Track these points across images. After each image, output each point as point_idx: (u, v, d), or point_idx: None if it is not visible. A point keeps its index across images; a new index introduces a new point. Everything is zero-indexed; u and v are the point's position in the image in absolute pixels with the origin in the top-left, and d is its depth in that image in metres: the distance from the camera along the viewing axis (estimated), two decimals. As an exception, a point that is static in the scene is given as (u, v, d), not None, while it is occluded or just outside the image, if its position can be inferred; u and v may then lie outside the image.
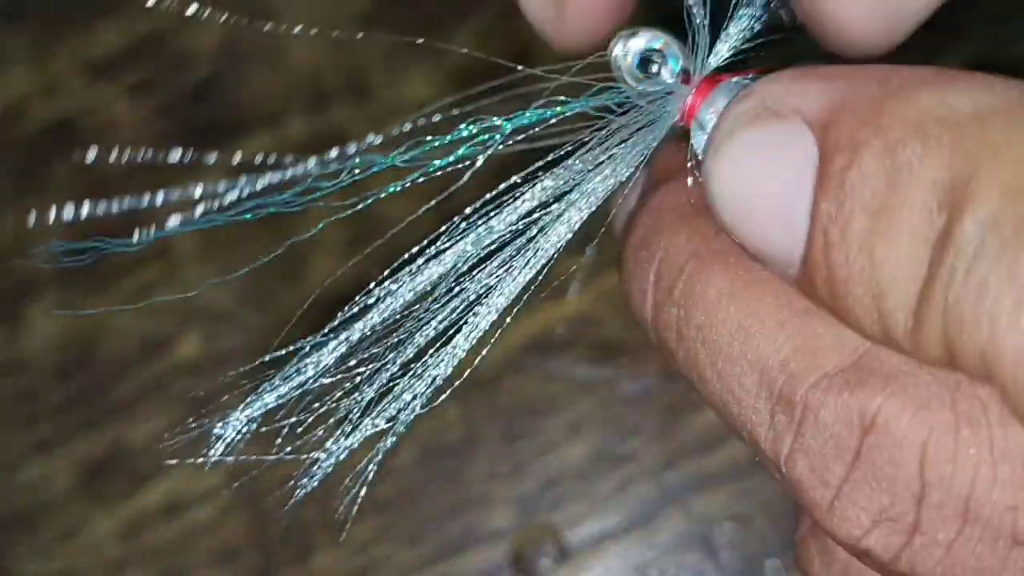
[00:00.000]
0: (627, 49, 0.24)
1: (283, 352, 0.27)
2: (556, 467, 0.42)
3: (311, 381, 0.26)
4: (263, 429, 0.29)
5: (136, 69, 0.48)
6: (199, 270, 0.45)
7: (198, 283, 0.45)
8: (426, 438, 0.43)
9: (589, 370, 0.43)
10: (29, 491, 0.44)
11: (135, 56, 0.48)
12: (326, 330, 0.27)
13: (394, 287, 0.25)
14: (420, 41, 0.42)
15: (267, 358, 0.26)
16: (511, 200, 0.25)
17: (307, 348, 0.26)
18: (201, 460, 0.27)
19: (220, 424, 0.27)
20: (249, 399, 0.27)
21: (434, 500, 0.42)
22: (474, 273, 0.26)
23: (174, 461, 0.44)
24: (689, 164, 0.24)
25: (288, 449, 0.28)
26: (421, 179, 0.25)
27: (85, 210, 0.25)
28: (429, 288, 0.26)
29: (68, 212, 0.26)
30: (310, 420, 0.28)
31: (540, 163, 0.24)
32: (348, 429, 0.27)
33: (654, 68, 0.24)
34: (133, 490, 0.44)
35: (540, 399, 0.42)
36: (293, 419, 0.28)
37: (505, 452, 0.42)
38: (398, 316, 0.26)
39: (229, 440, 0.27)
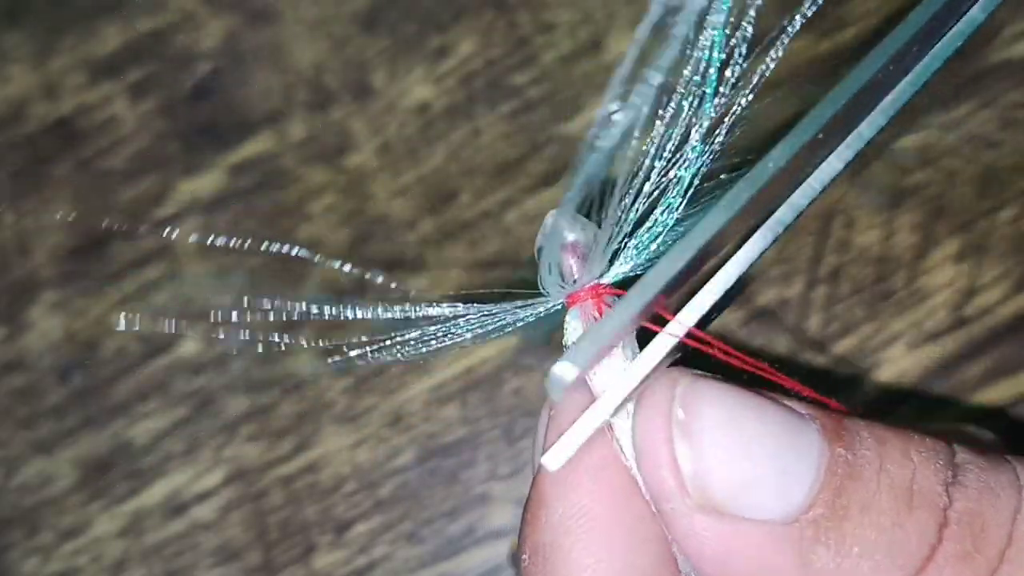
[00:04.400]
0: (537, 244, 0.26)
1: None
2: (556, 467, 0.42)
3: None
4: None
5: (136, 68, 0.48)
6: (199, 270, 0.45)
7: (199, 283, 0.45)
8: (426, 438, 0.43)
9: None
10: (29, 491, 0.44)
11: (135, 55, 0.48)
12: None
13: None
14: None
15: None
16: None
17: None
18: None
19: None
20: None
21: (434, 500, 0.42)
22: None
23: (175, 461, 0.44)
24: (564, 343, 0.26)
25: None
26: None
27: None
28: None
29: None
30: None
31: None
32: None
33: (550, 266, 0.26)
34: (133, 490, 0.44)
35: (540, 399, 0.43)
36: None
37: (505, 452, 0.42)
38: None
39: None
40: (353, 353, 0.28)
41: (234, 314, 0.31)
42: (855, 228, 0.42)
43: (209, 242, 0.45)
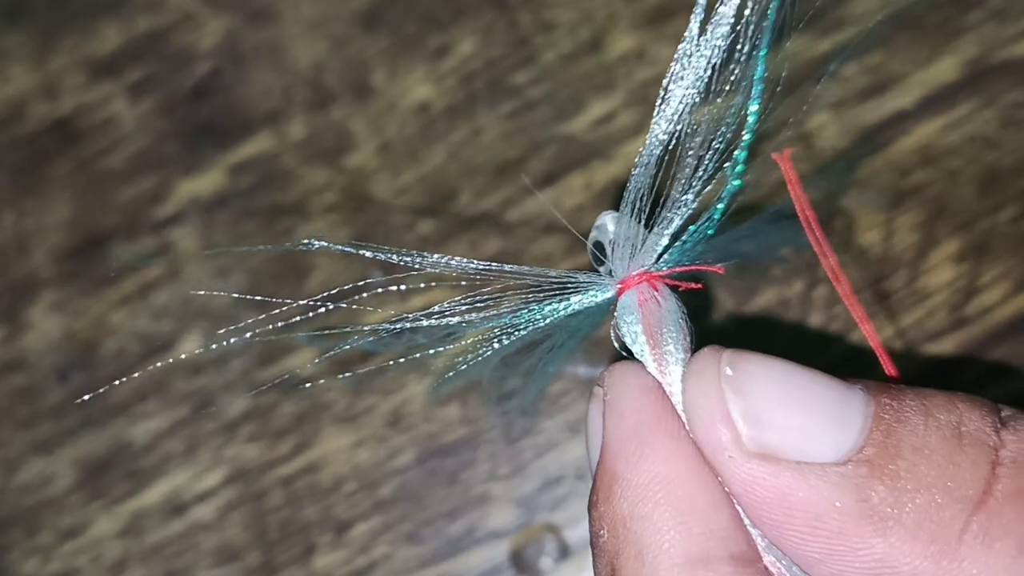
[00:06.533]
0: (590, 237, 0.29)
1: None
2: (556, 467, 0.42)
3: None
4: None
5: (136, 68, 0.48)
6: (199, 270, 0.45)
7: (199, 283, 0.45)
8: (426, 438, 0.43)
9: (589, 370, 0.42)
10: (29, 491, 0.44)
11: (135, 55, 0.48)
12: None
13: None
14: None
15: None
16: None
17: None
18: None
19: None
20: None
21: (434, 500, 0.42)
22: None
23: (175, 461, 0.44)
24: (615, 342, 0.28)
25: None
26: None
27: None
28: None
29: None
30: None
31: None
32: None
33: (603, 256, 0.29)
34: (134, 490, 0.44)
35: (540, 399, 0.43)
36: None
37: (505, 452, 0.42)
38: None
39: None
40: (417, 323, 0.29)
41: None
42: (855, 228, 0.42)
43: (209, 242, 0.45)
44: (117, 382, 0.44)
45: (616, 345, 0.28)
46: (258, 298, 0.43)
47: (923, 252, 0.42)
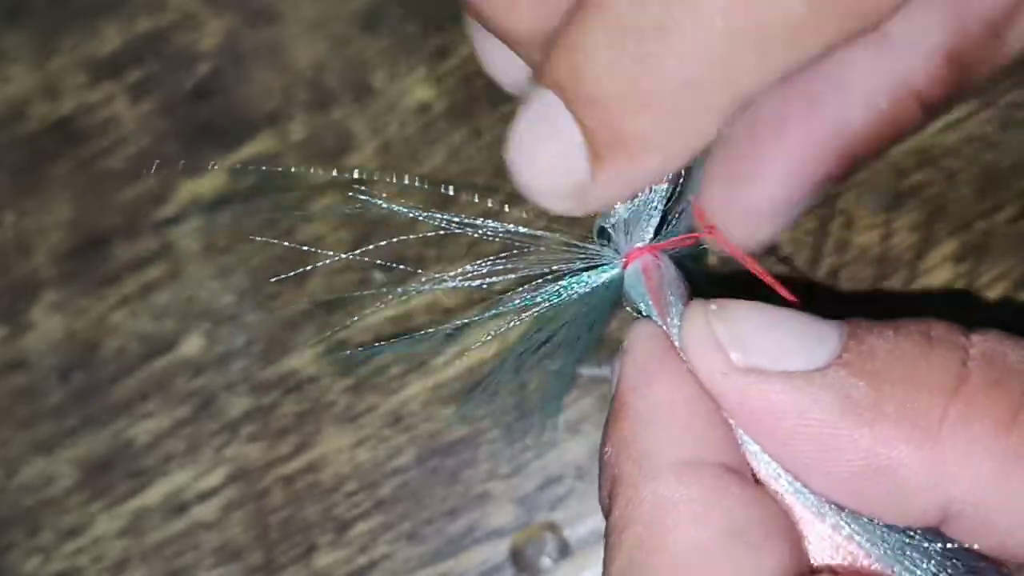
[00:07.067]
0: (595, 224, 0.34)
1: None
2: (556, 466, 0.43)
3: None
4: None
5: (137, 68, 0.48)
6: (201, 270, 0.46)
7: (200, 283, 0.45)
8: (426, 438, 0.43)
9: (589, 370, 0.43)
10: (30, 491, 0.44)
11: (136, 55, 0.48)
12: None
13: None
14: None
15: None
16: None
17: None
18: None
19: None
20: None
21: (434, 500, 0.42)
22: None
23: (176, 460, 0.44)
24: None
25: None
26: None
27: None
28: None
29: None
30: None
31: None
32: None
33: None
34: (134, 489, 0.44)
35: (540, 399, 0.43)
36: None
37: (505, 452, 0.43)
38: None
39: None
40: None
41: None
42: (854, 228, 0.42)
43: (210, 243, 0.45)
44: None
45: (629, 310, 0.32)
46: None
47: (923, 252, 0.42)
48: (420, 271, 0.44)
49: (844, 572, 0.27)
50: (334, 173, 0.42)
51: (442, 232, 0.32)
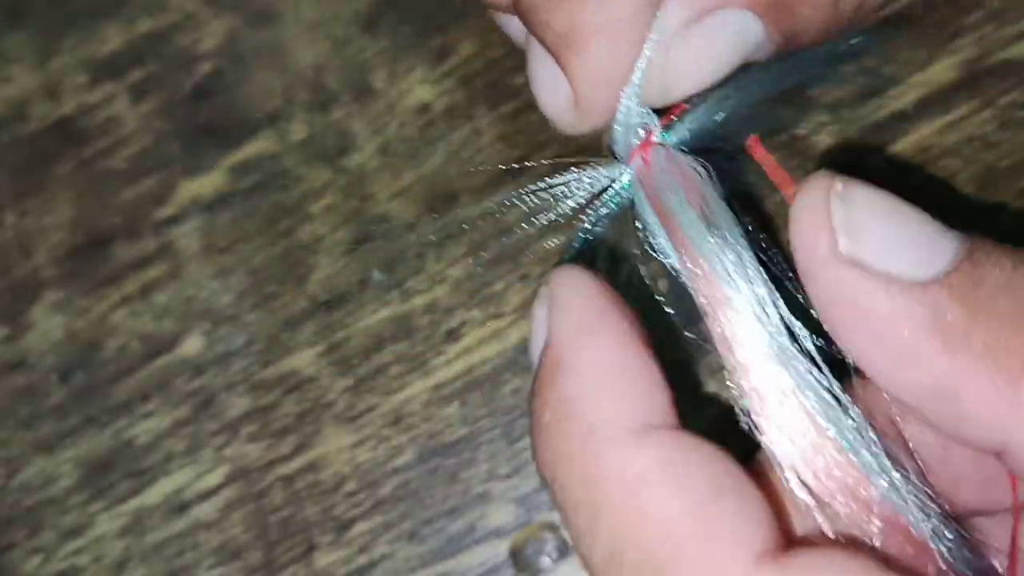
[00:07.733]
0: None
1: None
2: (556, 466, 0.43)
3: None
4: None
5: (137, 68, 0.48)
6: (201, 270, 0.46)
7: (200, 283, 0.45)
8: (426, 438, 0.43)
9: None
10: (30, 490, 0.44)
11: (136, 55, 0.48)
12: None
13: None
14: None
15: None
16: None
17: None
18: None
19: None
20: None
21: (434, 499, 0.43)
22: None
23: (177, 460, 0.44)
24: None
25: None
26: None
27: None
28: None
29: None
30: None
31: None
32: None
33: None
34: (135, 489, 0.44)
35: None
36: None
37: (505, 452, 0.43)
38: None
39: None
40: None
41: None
42: (854, 228, 0.42)
43: (210, 243, 0.45)
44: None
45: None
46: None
47: (922, 252, 0.42)
48: (420, 271, 0.44)
49: (824, 543, 0.26)
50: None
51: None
